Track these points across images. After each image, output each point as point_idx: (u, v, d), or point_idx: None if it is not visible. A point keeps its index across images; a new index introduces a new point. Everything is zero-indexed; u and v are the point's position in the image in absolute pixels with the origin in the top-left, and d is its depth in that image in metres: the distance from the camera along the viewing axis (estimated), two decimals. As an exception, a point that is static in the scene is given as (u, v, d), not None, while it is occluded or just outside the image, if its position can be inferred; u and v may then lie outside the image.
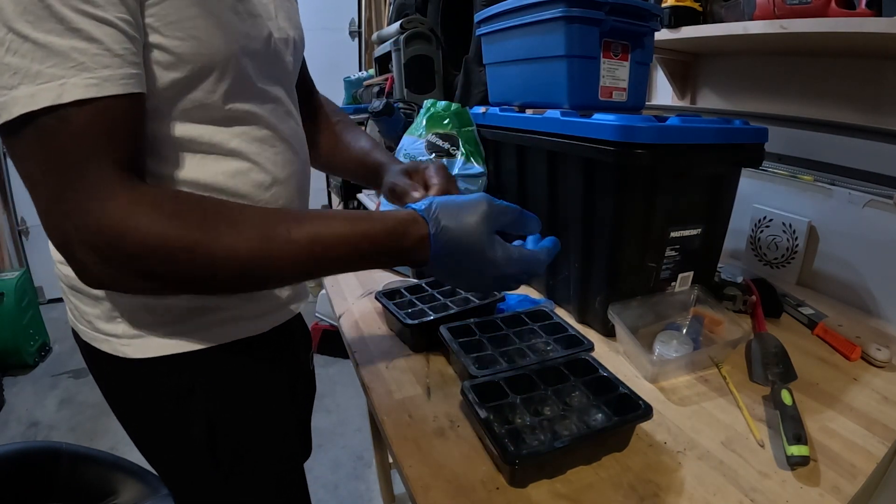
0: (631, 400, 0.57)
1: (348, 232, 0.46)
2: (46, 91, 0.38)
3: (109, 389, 0.62)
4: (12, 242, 2.88)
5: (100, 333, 0.57)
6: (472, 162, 1.03)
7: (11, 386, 2.16)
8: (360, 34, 3.26)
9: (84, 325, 0.58)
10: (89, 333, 0.58)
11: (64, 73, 0.38)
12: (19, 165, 0.40)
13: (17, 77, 0.37)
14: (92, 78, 0.39)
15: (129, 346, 0.55)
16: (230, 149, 0.53)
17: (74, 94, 0.38)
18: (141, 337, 0.55)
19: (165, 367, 0.56)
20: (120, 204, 0.40)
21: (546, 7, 0.83)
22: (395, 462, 0.64)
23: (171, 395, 0.58)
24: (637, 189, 0.71)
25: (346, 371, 2.29)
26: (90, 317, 0.57)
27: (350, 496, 1.63)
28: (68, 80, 0.38)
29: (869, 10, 0.74)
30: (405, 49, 1.48)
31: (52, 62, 0.38)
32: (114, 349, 0.56)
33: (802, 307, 0.88)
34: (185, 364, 0.57)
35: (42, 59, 0.38)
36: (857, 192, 0.90)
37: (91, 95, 0.39)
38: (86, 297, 0.56)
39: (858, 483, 0.51)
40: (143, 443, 0.65)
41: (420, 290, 0.85)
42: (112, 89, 0.40)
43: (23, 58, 0.37)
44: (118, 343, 0.56)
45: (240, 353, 0.60)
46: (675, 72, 1.23)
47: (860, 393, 0.67)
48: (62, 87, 0.38)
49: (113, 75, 0.40)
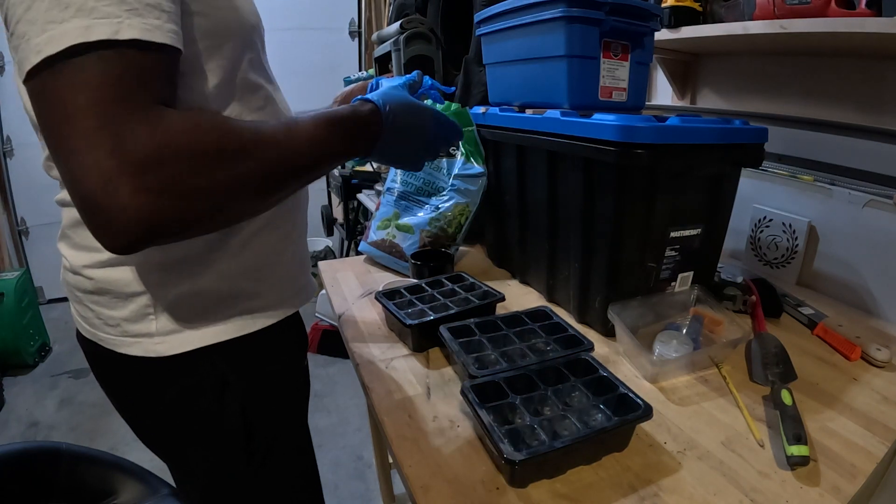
0: (631, 400, 0.57)
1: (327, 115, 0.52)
2: (103, 25, 0.38)
3: (130, 395, 0.61)
4: (12, 242, 2.88)
5: (128, 337, 0.56)
6: (471, 162, 1.03)
7: (11, 386, 2.16)
8: (360, 34, 3.25)
9: (108, 331, 0.57)
10: (114, 340, 0.56)
11: (120, 13, 0.38)
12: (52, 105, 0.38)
13: (69, 11, 0.37)
14: (146, 23, 0.40)
15: (163, 342, 0.55)
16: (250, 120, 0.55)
17: (130, 33, 0.39)
18: (176, 332, 0.55)
19: (201, 360, 0.56)
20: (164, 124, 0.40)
21: (546, 7, 0.83)
22: (395, 462, 0.64)
23: (208, 389, 0.58)
24: (637, 189, 0.71)
25: (346, 371, 2.29)
26: (117, 320, 0.56)
27: (350, 496, 1.63)
28: (124, 21, 0.39)
29: (869, 10, 0.74)
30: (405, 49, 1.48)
31: (107, 1, 0.38)
32: (145, 350, 0.55)
33: (802, 307, 0.88)
34: (220, 355, 0.57)
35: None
36: (857, 192, 0.90)
37: (146, 38, 0.40)
38: (112, 300, 0.55)
39: (858, 483, 0.51)
40: (167, 443, 0.64)
41: (420, 290, 0.85)
42: (163, 37, 0.41)
43: None
44: (150, 342, 0.55)
45: (268, 342, 0.62)
46: (675, 72, 1.23)
47: (860, 393, 0.67)
48: (119, 25, 0.38)
49: (163, 26, 0.41)
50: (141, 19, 0.39)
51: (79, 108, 0.37)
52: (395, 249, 1.04)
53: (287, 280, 0.64)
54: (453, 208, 1.02)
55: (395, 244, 1.04)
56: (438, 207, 1.03)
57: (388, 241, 1.06)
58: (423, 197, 1.06)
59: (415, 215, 1.05)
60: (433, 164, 1.06)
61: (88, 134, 0.37)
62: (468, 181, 1.03)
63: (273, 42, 0.76)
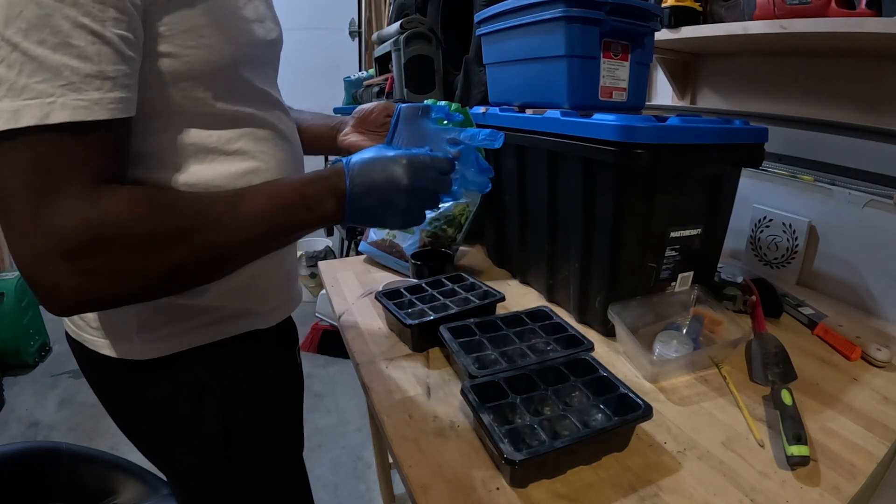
0: (631, 400, 0.57)
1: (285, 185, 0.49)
2: (32, 108, 0.36)
3: (115, 396, 0.62)
4: (12, 242, 2.88)
5: (110, 339, 0.56)
6: (472, 162, 1.03)
7: (11, 386, 2.15)
8: (360, 34, 3.25)
9: (91, 332, 0.57)
10: (97, 341, 0.57)
11: (53, 90, 0.37)
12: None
13: (1, 88, 0.36)
14: (81, 100, 0.38)
15: (143, 347, 0.55)
16: (235, 149, 0.53)
17: (62, 115, 0.37)
18: (155, 337, 0.55)
19: (178, 364, 0.56)
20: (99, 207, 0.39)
21: (546, 7, 0.83)
22: (395, 462, 0.64)
23: (186, 393, 0.58)
24: (637, 189, 0.71)
25: (346, 371, 2.29)
26: (99, 323, 0.56)
27: (350, 496, 1.63)
28: (57, 100, 0.37)
29: (869, 10, 0.74)
30: (405, 49, 1.48)
31: (41, 77, 0.36)
32: (126, 353, 0.56)
33: (802, 307, 0.88)
34: (198, 359, 0.57)
35: (30, 73, 0.36)
36: (857, 192, 0.90)
37: (79, 119, 0.38)
38: None
39: (858, 483, 0.51)
40: (151, 445, 0.65)
41: (420, 290, 0.85)
42: (100, 114, 0.39)
43: (9, 68, 0.36)
44: (130, 346, 0.55)
45: (250, 346, 0.61)
46: (675, 72, 1.23)
47: (860, 393, 0.67)
48: (50, 107, 0.37)
49: (103, 98, 0.39)
50: (76, 95, 0.37)
51: (13, 190, 0.37)
52: (395, 249, 1.04)
53: (275, 294, 0.64)
54: (453, 208, 1.03)
55: (395, 244, 1.04)
56: (438, 207, 1.03)
57: (388, 241, 1.06)
58: (423, 197, 1.06)
59: (415, 215, 1.05)
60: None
61: (22, 216, 0.37)
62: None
63: (273, 42, 0.76)
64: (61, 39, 0.37)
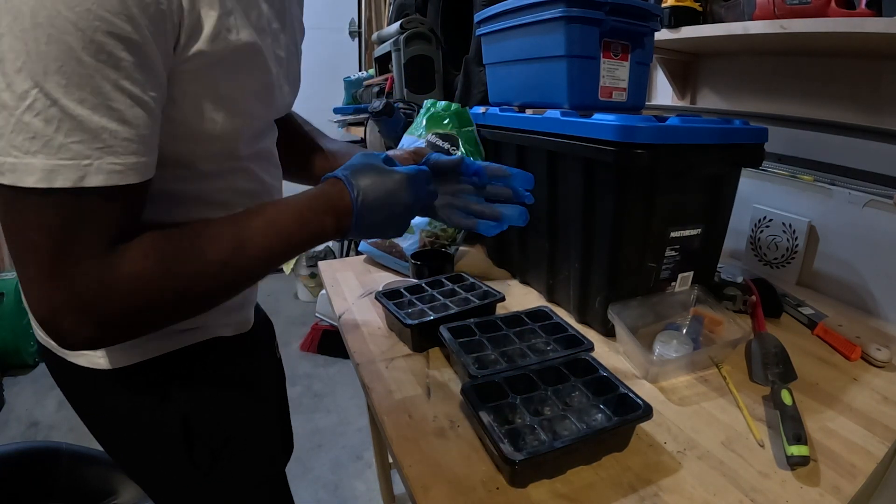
0: (631, 400, 0.57)
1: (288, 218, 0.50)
2: (68, 170, 0.36)
3: (80, 399, 0.62)
4: (12, 242, 2.88)
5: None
6: (472, 162, 1.03)
7: (11, 386, 2.15)
8: (360, 34, 3.25)
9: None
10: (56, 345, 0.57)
11: (90, 152, 0.36)
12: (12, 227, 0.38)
13: (35, 142, 0.35)
14: (116, 164, 0.38)
15: (104, 357, 0.55)
16: (221, 200, 0.54)
17: (96, 180, 0.37)
18: (115, 348, 0.55)
19: (140, 373, 0.56)
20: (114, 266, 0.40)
21: (546, 7, 0.83)
22: (395, 462, 0.64)
23: (147, 400, 0.58)
24: (637, 189, 0.71)
25: (346, 371, 2.29)
26: None
27: (350, 496, 1.63)
28: (93, 163, 0.37)
29: (869, 10, 0.74)
30: (405, 49, 1.48)
31: (79, 137, 0.36)
32: (89, 362, 0.56)
33: (802, 307, 0.88)
34: (159, 367, 0.57)
35: (68, 132, 0.36)
36: (857, 192, 0.90)
37: (113, 183, 0.38)
38: None
39: (858, 483, 0.51)
40: (117, 451, 0.65)
41: (420, 290, 0.85)
42: (133, 178, 0.39)
43: (47, 123, 0.35)
44: (93, 356, 0.55)
45: (211, 351, 0.61)
46: (675, 72, 1.23)
47: (860, 393, 0.67)
48: (85, 169, 0.36)
49: (137, 163, 0.39)
50: (112, 158, 0.37)
51: (35, 244, 0.38)
52: (394, 249, 1.04)
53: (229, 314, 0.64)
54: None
55: (395, 244, 1.04)
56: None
57: (388, 241, 1.06)
58: (423, 197, 1.06)
59: (415, 215, 1.05)
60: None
61: (41, 270, 0.38)
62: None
63: (273, 42, 0.76)
64: (102, 101, 0.36)
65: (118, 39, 0.36)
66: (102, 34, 0.35)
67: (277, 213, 0.50)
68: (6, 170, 0.36)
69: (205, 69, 0.43)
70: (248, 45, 0.46)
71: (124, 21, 0.36)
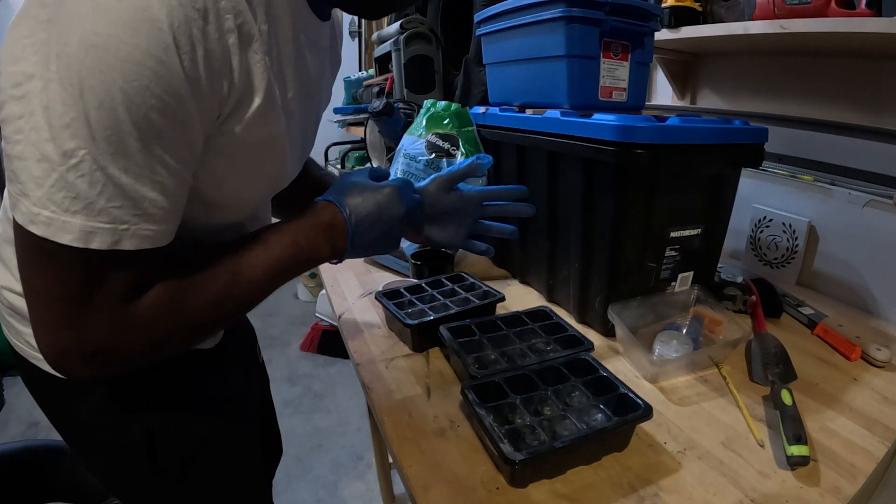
0: (631, 400, 0.57)
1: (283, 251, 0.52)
2: (105, 234, 0.37)
3: (48, 405, 0.62)
4: (12, 242, 2.87)
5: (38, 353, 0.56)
6: (472, 162, 1.03)
7: (11, 386, 2.15)
8: (360, 34, 3.25)
9: (24, 344, 0.58)
10: (28, 352, 0.58)
11: (128, 218, 0.37)
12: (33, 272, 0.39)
13: (77, 203, 0.35)
14: (150, 230, 0.39)
15: None
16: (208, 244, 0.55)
17: (130, 244, 0.38)
18: None
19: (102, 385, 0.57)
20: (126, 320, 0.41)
21: (546, 7, 0.83)
22: (395, 462, 0.64)
23: (109, 411, 0.58)
24: (637, 189, 0.71)
25: (346, 371, 2.29)
26: (27, 337, 0.57)
27: (350, 496, 1.63)
28: (130, 228, 0.38)
29: (869, 10, 0.74)
30: (405, 49, 1.48)
31: (120, 203, 0.37)
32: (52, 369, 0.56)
33: (802, 307, 0.88)
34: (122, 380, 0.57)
35: (110, 197, 0.36)
36: (857, 192, 0.90)
37: (144, 247, 0.39)
38: (24, 319, 0.56)
39: (858, 483, 0.51)
40: (86, 457, 0.65)
41: (420, 290, 0.85)
42: (161, 242, 0.41)
43: (91, 186, 0.35)
44: None
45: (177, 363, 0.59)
46: (675, 72, 1.23)
47: (860, 393, 0.67)
48: (122, 234, 0.38)
49: (167, 230, 0.41)
50: (147, 225, 0.39)
51: (53, 293, 0.38)
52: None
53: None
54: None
55: (395, 244, 1.04)
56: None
57: (388, 241, 1.05)
58: (423, 197, 1.06)
59: (415, 215, 1.05)
60: (433, 165, 1.06)
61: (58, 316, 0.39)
62: (469, 181, 1.03)
63: (273, 42, 0.76)
64: (146, 172, 0.37)
65: (169, 118, 0.37)
66: (156, 112, 0.36)
67: (273, 242, 0.51)
68: (40, 221, 0.36)
69: (230, 147, 0.44)
70: (273, 137, 0.47)
71: (178, 101, 0.36)
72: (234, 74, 0.40)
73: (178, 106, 0.37)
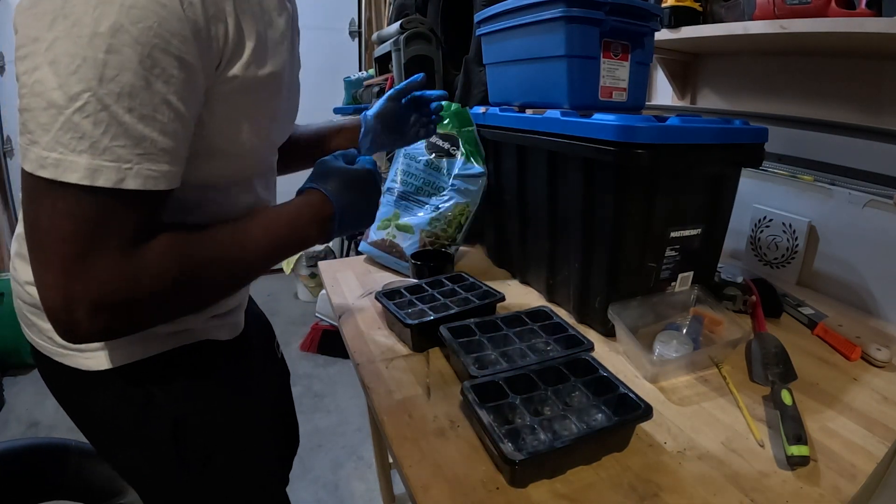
0: (631, 400, 0.57)
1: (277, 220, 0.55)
2: (110, 171, 0.39)
3: (69, 401, 0.63)
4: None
5: (62, 348, 0.57)
6: (471, 162, 1.03)
7: (11, 386, 2.15)
8: (360, 34, 3.25)
9: (45, 340, 0.59)
10: (49, 348, 0.58)
11: (131, 157, 0.39)
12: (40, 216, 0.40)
13: (82, 142, 0.38)
14: (153, 170, 0.41)
15: (91, 358, 0.56)
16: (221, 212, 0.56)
17: (134, 183, 0.40)
18: (102, 350, 0.56)
19: (122, 375, 0.57)
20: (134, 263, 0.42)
21: (546, 7, 0.83)
22: (395, 462, 0.64)
23: (132, 403, 0.59)
24: (637, 189, 0.71)
25: (346, 371, 2.29)
26: (50, 332, 0.57)
27: (350, 496, 1.63)
28: (133, 167, 0.40)
29: (869, 10, 0.74)
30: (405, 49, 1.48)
31: (123, 143, 0.39)
32: (75, 362, 0.57)
33: (802, 307, 0.88)
34: (144, 371, 0.58)
35: (114, 136, 0.38)
36: (857, 192, 0.90)
37: (148, 188, 0.41)
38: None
39: (858, 483, 0.51)
40: (108, 451, 0.66)
41: (420, 290, 0.85)
42: (164, 184, 0.43)
43: (95, 126, 0.38)
44: (81, 357, 0.56)
45: (198, 355, 0.61)
46: (675, 72, 1.23)
47: (860, 393, 0.67)
48: (126, 173, 0.39)
49: (169, 172, 0.43)
50: (150, 165, 0.41)
51: (62, 234, 0.40)
52: (394, 249, 1.04)
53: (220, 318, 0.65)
54: (453, 208, 1.02)
55: (395, 244, 1.04)
56: (438, 207, 1.03)
57: (387, 241, 1.06)
58: (424, 197, 1.06)
59: (415, 215, 1.05)
60: (433, 165, 1.06)
61: (64, 258, 0.40)
62: (468, 181, 1.03)
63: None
64: (149, 112, 0.40)
65: (172, 57, 0.40)
66: (160, 51, 0.39)
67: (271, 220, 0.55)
68: (49, 164, 0.38)
69: (234, 93, 0.47)
70: (273, 74, 0.50)
71: (180, 41, 0.40)
72: (229, 20, 0.43)
73: (181, 46, 0.40)
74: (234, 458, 0.67)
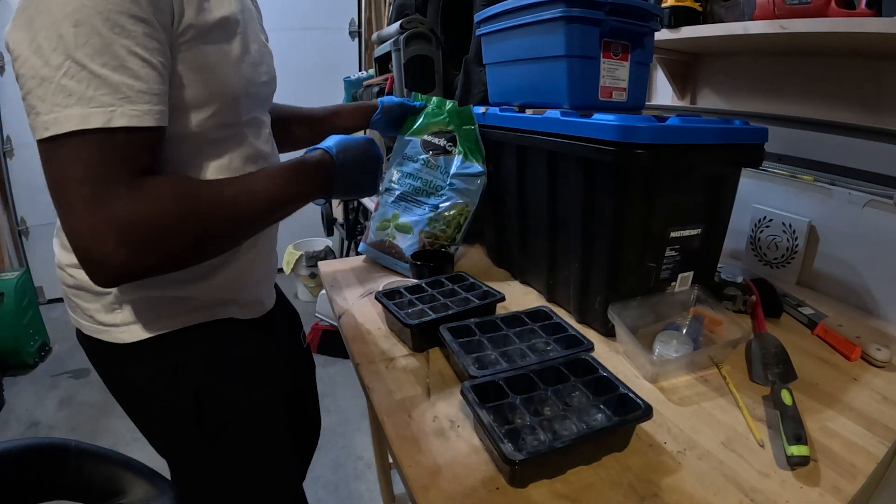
0: (631, 400, 0.57)
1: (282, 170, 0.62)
2: (98, 115, 0.46)
3: (109, 376, 0.69)
4: (12, 242, 2.88)
5: (101, 325, 0.64)
6: (470, 160, 1.03)
7: (11, 386, 2.15)
8: (360, 34, 3.25)
9: (86, 320, 0.65)
10: (91, 327, 0.65)
11: (114, 101, 0.47)
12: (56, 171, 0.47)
13: (72, 98, 0.46)
14: (135, 110, 0.48)
15: (125, 332, 0.63)
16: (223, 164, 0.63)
17: (121, 121, 0.47)
18: (135, 323, 0.63)
19: (154, 346, 0.64)
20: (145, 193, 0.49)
21: (546, 7, 0.83)
22: (395, 462, 0.64)
23: (160, 371, 0.65)
24: (637, 189, 0.71)
25: (346, 371, 2.29)
26: (91, 311, 0.64)
27: (350, 496, 1.63)
28: (117, 109, 0.47)
29: (869, 10, 0.74)
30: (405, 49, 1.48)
31: (105, 91, 0.46)
32: (113, 337, 0.64)
33: (802, 307, 0.88)
34: (172, 343, 0.65)
35: (96, 87, 0.46)
36: (857, 192, 0.90)
37: (133, 124, 0.48)
38: (88, 294, 0.64)
39: (858, 483, 0.51)
40: (141, 420, 0.72)
41: (420, 290, 0.85)
42: (149, 121, 0.49)
43: (79, 83, 0.46)
44: (117, 331, 0.64)
45: (222, 332, 0.68)
46: (675, 72, 1.23)
47: (860, 393, 0.67)
48: (112, 114, 0.47)
49: (151, 110, 0.50)
50: (132, 106, 0.48)
51: (76, 179, 0.47)
52: (394, 250, 1.04)
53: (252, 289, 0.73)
54: (452, 208, 1.02)
55: (395, 245, 1.04)
56: (437, 207, 1.03)
57: (387, 242, 1.06)
58: (423, 197, 1.06)
59: (414, 215, 1.05)
60: (431, 164, 1.06)
61: (83, 199, 0.47)
62: (467, 181, 1.03)
63: (273, 42, 0.76)
64: (119, 63, 0.47)
65: (129, 16, 0.47)
66: (117, 13, 0.46)
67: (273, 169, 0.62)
68: (50, 124, 0.46)
69: (194, 41, 0.54)
70: (224, 18, 0.56)
71: (132, 3, 0.47)
72: None
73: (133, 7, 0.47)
74: (246, 433, 0.71)
